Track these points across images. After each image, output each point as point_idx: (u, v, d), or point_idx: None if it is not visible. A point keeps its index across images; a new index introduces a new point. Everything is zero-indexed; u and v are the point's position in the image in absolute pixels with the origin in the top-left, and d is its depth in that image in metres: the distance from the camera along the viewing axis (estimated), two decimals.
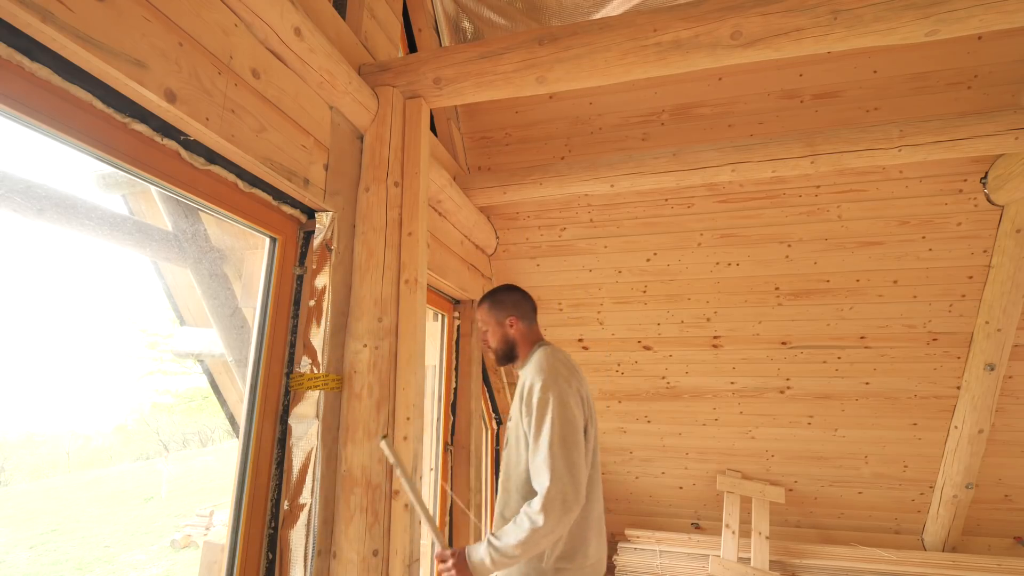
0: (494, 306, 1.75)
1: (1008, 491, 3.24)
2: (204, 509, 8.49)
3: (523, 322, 1.72)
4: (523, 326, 1.72)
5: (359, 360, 1.62)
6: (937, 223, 2.75)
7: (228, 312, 2.30)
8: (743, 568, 3.24)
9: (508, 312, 1.73)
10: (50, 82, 0.97)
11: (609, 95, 2.91)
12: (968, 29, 1.50)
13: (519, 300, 1.75)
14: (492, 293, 1.79)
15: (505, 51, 1.76)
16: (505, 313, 1.73)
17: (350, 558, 1.48)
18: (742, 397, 3.35)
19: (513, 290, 1.78)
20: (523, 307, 1.74)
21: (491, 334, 1.76)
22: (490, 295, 1.79)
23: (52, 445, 17.90)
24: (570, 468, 1.37)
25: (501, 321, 1.72)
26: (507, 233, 3.31)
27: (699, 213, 3.00)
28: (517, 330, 1.71)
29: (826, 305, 3.03)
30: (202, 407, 15.82)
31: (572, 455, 1.39)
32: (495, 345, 1.75)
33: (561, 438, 1.41)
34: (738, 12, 1.55)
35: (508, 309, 1.73)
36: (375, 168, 1.80)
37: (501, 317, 1.73)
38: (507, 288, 1.79)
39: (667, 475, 3.71)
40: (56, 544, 8.61)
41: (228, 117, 1.24)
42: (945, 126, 2.24)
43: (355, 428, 1.58)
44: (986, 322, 2.82)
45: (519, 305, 1.73)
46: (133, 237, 2.01)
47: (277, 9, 1.35)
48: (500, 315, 1.73)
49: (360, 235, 1.74)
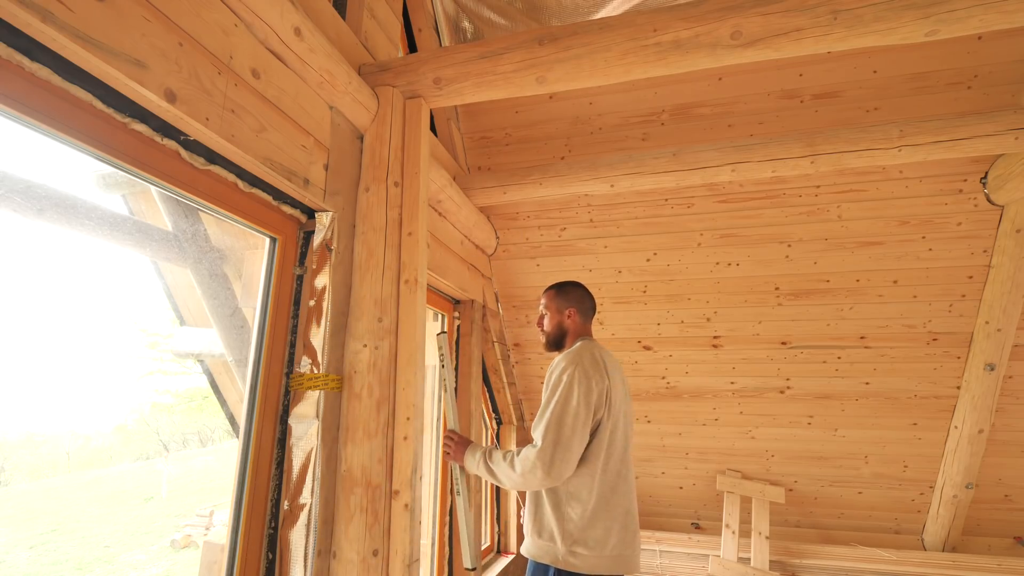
0: (559, 295, 1.84)
1: (1008, 491, 3.24)
2: (204, 509, 8.49)
3: (579, 316, 1.81)
4: (579, 320, 1.80)
5: (359, 360, 1.62)
6: (937, 223, 2.75)
7: (228, 312, 2.30)
8: (743, 568, 3.24)
9: (570, 303, 1.82)
10: (50, 82, 0.97)
11: (609, 95, 2.91)
12: (968, 29, 1.50)
13: (582, 296, 1.85)
14: (561, 284, 1.89)
15: (505, 51, 1.76)
16: (567, 304, 1.82)
17: (350, 558, 1.48)
18: (742, 397, 3.35)
19: (578, 286, 1.88)
20: (584, 304, 1.84)
21: (549, 319, 1.85)
22: (559, 285, 1.89)
23: (52, 445, 17.89)
24: (556, 445, 1.48)
25: (561, 310, 1.81)
26: (507, 233, 3.31)
27: (699, 213, 3.00)
28: (573, 322, 1.80)
29: (826, 305, 3.03)
30: (202, 407, 15.82)
31: (563, 434, 1.49)
32: (549, 330, 1.85)
33: (559, 417, 1.51)
34: (738, 12, 1.55)
35: (571, 301, 1.82)
36: (375, 168, 1.80)
37: (563, 306, 1.82)
38: (574, 283, 1.90)
39: (667, 475, 3.70)
40: (56, 544, 8.61)
41: (228, 117, 1.24)
42: (945, 126, 2.24)
43: (355, 428, 1.58)
44: (986, 322, 2.82)
45: (582, 301, 1.83)
46: (133, 237, 2.01)
47: (277, 9, 1.35)
48: (562, 304, 1.82)
49: (360, 235, 1.74)
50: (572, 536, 1.54)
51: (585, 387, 1.53)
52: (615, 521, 1.56)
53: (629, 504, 1.62)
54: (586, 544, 1.53)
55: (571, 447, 1.49)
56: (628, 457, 1.65)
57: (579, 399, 1.52)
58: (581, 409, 1.51)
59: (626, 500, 1.61)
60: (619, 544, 1.56)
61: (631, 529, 1.61)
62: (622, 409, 1.65)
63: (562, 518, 1.56)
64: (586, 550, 1.52)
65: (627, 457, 1.64)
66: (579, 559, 1.52)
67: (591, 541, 1.53)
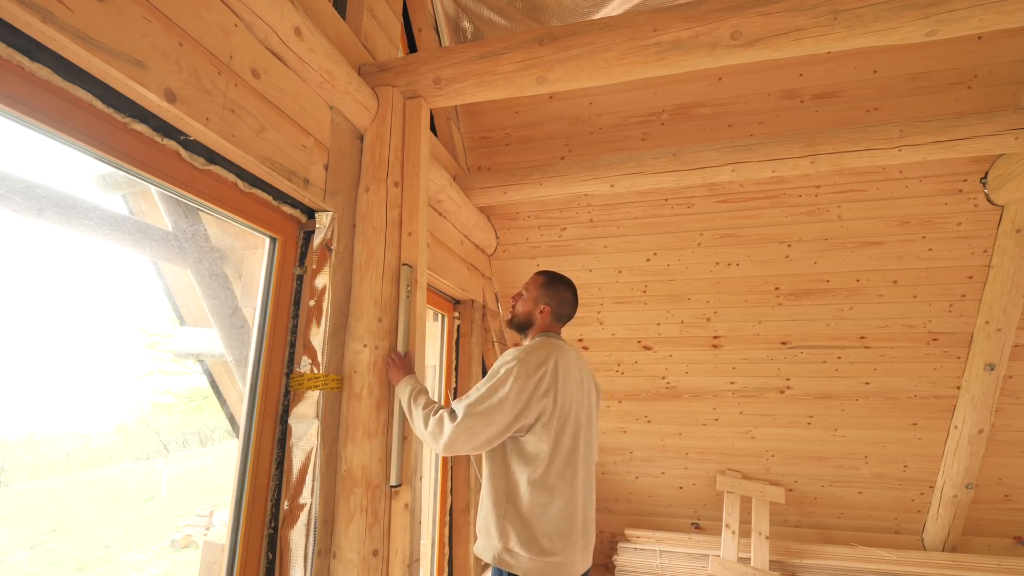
0: (544, 287, 1.77)
1: (1008, 491, 3.24)
2: (204, 509, 8.49)
3: (552, 316, 1.75)
4: (549, 319, 1.75)
5: (359, 360, 1.62)
6: (937, 223, 2.75)
7: (228, 312, 2.30)
8: (743, 568, 3.24)
9: (548, 302, 1.75)
10: (50, 82, 0.97)
11: (609, 95, 2.91)
12: (968, 29, 1.50)
13: (567, 300, 1.78)
14: (553, 277, 1.80)
15: (505, 51, 1.76)
16: (546, 300, 1.75)
17: (350, 558, 1.48)
18: (742, 397, 3.35)
19: (569, 287, 1.80)
20: (563, 308, 1.77)
21: (523, 302, 1.79)
22: (551, 277, 1.81)
23: (52, 445, 17.89)
24: (466, 424, 1.45)
25: (538, 302, 1.75)
26: (507, 233, 3.31)
27: (699, 213, 3.00)
28: (543, 317, 1.75)
29: (826, 305, 3.02)
30: (202, 407, 15.81)
31: (478, 418, 1.46)
32: (519, 312, 1.80)
33: (482, 400, 1.48)
34: (738, 12, 1.55)
35: (550, 300, 1.75)
36: (375, 168, 1.80)
37: (540, 299, 1.75)
38: (566, 283, 1.81)
39: (667, 475, 3.70)
40: (56, 544, 8.60)
41: (228, 117, 1.24)
42: (945, 126, 2.24)
43: (355, 428, 1.58)
44: (986, 322, 2.82)
45: (562, 304, 1.76)
46: (133, 237, 2.01)
47: (277, 9, 1.35)
48: (541, 297, 1.76)
49: (360, 235, 1.74)
50: (512, 537, 1.50)
51: (521, 384, 1.49)
52: (558, 527, 1.51)
53: (579, 510, 1.56)
54: (527, 547, 1.49)
55: (479, 433, 1.46)
56: (576, 460, 1.58)
57: (509, 392, 1.48)
58: (508, 403, 1.47)
59: (575, 506, 1.55)
60: (568, 551, 1.51)
61: (581, 536, 1.56)
62: (575, 412, 1.59)
63: (501, 516, 1.53)
64: (523, 551, 1.48)
65: (574, 460, 1.58)
66: (514, 559, 1.49)
67: (531, 545, 1.49)
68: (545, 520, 1.50)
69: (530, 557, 1.48)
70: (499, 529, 1.52)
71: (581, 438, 1.61)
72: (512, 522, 1.51)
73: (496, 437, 1.49)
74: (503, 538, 1.51)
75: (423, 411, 1.52)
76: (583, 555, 1.58)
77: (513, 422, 1.49)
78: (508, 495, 1.54)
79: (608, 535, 3.85)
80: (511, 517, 1.52)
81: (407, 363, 1.68)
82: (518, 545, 1.49)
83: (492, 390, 1.49)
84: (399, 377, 1.63)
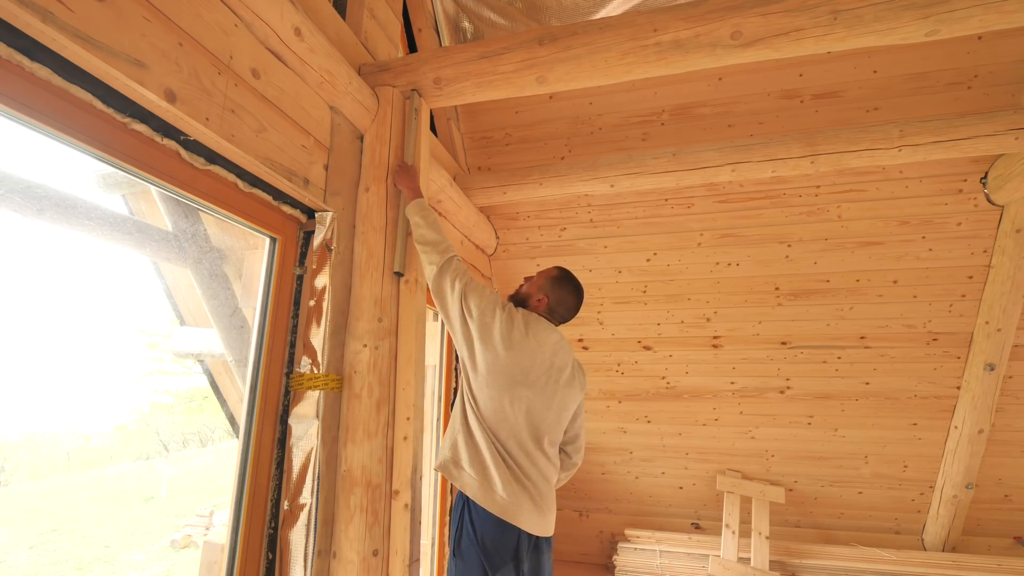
0: (551, 282, 1.79)
1: (1008, 491, 3.24)
2: (204, 509, 8.48)
3: (546, 310, 1.76)
4: (543, 311, 1.77)
5: (359, 360, 1.62)
6: (937, 223, 2.75)
7: (228, 312, 2.31)
8: (743, 568, 3.24)
9: (548, 294, 1.76)
10: (50, 82, 0.97)
11: (609, 95, 2.91)
12: (968, 29, 1.50)
13: (564, 301, 1.78)
14: (564, 277, 1.82)
15: (505, 51, 1.76)
16: (547, 294, 1.77)
17: (350, 558, 1.48)
18: (742, 397, 3.35)
19: (573, 292, 1.80)
20: (559, 307, 1.78)
21: (530, 284, 1.83)
22: (562, 275, 1.82)
23: (52, 445, 17.88)
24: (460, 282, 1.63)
25: (540, 289, 1.78)
26: (507, 233, 3.31)
27: (699, 213, 3.00)
28: (538, 305, 1.77)
29: (826, 305, 3.03)
30: (202, 407, 15.81)
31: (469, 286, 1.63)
32: (523, 290, 1.84)
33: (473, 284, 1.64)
34: (738, 12, 1.55)
35: (552, 296, 1.76)
36: (375, 168, 1.80)
37: (543, 289, 1.78)
38: (573, 287, 1.81)
39: (667, 475, 3.70)
40: (56, 544, 8.60)
41: (228, 117, 1.24)
42: (945, 126, 2.24)
43: (355, 428, 1.58)
44: (986, 322, 2.82)
45: (560, 304, 1.77)
46: (133, 237, 2.02)
47: (277, 9, 1.35)
48: (544, 288, 1.78)
49: (360, 235, 1.74)
50: (457, 448, 1.61)
51: (492, 298, 1.63)
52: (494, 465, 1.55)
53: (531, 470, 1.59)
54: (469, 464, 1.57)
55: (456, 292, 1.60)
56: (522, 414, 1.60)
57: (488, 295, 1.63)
58: (487, 298, 1.61)
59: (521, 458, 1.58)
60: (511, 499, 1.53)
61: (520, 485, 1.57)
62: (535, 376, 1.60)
63: (452, 431, 1.65)
64: (470, 469, 1.57)
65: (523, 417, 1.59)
66: (459, 473, 1.58)
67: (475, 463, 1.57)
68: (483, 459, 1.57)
69: (472, 476, 1.56)
70: (450, 441, 1.64)
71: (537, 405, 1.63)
72: (465, 439, 1.60)
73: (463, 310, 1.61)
74: (453, 451, 1.62)
75: (435, 234, 1.68)
76: (534, 516, 1.59)
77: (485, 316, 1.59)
78: (463, 413, 1.64)
79: (608, 535, 3.85)
80: (465, 435, 1.61)
81: (414, 174, 1.79)
82: (467, 463, 1.58)
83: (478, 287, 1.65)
84: (412, 193, 1.76)
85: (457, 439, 1.62)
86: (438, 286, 1.64)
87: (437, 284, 1.64)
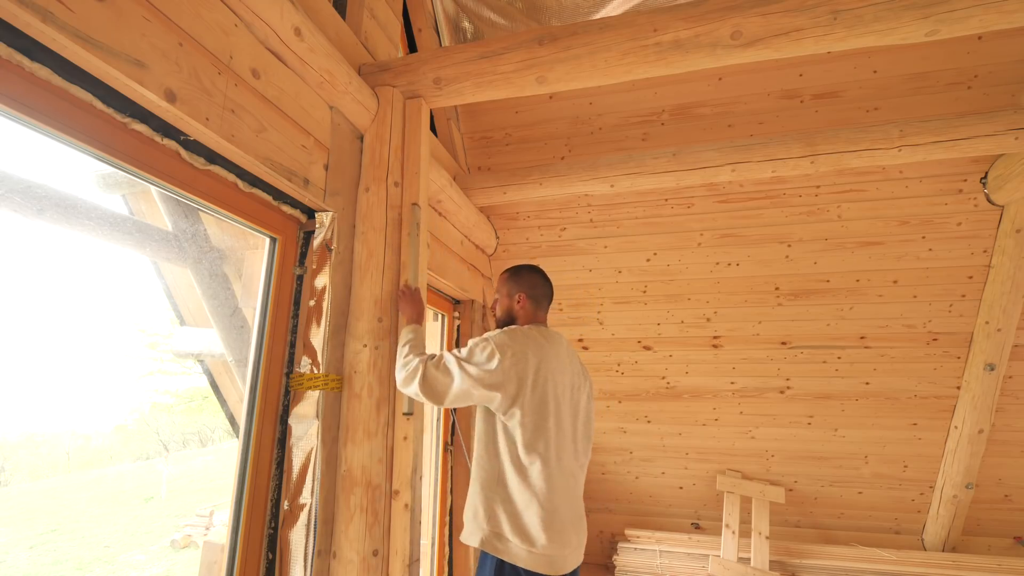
0: (511, 279, 1.76)
1: (1008, 491, 3.24)
2: (204, 509, 8.48)
3: (530, 302, 1.71)
4: (529, 306, 1.71)
5: (359, 360, 1.62)
6: (937, 223, 2.75)
7: (228, 312, 2.31)
8: (743, 568, 3.24)
9: (520, 288, 1.73)
10: (50, 82, 0.97)
11: (609, 95, 2.91)
12: (968, 29, 1.50)
13: (536, 282, 1.75)
14: (516, 268, 1.80)
15: (505, 51, 1.76)
16: (517, 288, 1.73)
17: (350, 558, 1.48)
18: (742, 397, 3.35)
19: (534, 271, 1.78)
20: (537, 289, 1.74)
21: (499, 304, 1.78)
22: (513, 269, 1.80)
23: (52, 445, 17.88)
24: (433, 376, 1.49)
25: (511, 294, 1.74)
26: (507, 233, 3.31)
27: (699, 213, 3.00)
28: (523, 308, 1.71)
29: (826, 305, 3.02)
30: (202, 407, 15.81)
31: (442, 377, 1.49)
32: (499, 315, 1.78)
33: (462, 361, 1.50)
34: (738, 12, 1.55)
35: (521, 286, 1.73)
36: (375, 168, 1.80)
37: (513, 291, 1.74)
38: (530, 268, 1.79)
39: (667, 475, 3.70)
40: (56, 544, 8.60)
41: (228, 117, 1.24)
42: (945, 126, 2.24)
43: (355, 428, 1.58)
44: (986, 322, 2.82)
45: (534, 287, 1.73)
46: (133, 237, 2.02)
47: (277, 9, 1.35)
48: (512, 289, 1.74)
49: (360, 235, 1.74)
50: (496, 521, 1.47)
51: (498, 359, 1.47)
52: (536, 515, 1.44)
53: (563, 502, 1.49)
54: (514, 531, 1.45)
55: (438, 387, 1.47)
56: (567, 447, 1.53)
57: (479, 360, 1.48)
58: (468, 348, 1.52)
59: (559, 497, 1.47)
60: (550, 542, 1.44)
61: (563, 524, 1.48)
62: (554, 395, 1.53)
63: (489, 499, 1.50)
64: (513, 537, 1.44)
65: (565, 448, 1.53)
66: (503, 545, 1.44)
67: (518, 529, 1.45)
68: (529, 512, 1.45)
69: (520, 545, 1.44)
70: (487, 512, 1.49)
71: (572, 425, 1.58)
72: (504, 506, 1.48)
73: (456, 395, 1.47)
74: (491, 522, 1.48)
75: (408, 353, 1.55)
76: (576, 551, 1.53)
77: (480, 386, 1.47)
78: (497, 478, 1.51)
79: (608, 535, 3.85)
80: (502, 501, 1.48)
81: (416, 298, 1.69)
82: (510, 532, 1.45)
83: (465, 353, 1.52)
84: (408, 315, 1.65)
85: (495, 508, 1.49)
86: (431, 382, 1.49)
87: (430, 381, 1.49)
